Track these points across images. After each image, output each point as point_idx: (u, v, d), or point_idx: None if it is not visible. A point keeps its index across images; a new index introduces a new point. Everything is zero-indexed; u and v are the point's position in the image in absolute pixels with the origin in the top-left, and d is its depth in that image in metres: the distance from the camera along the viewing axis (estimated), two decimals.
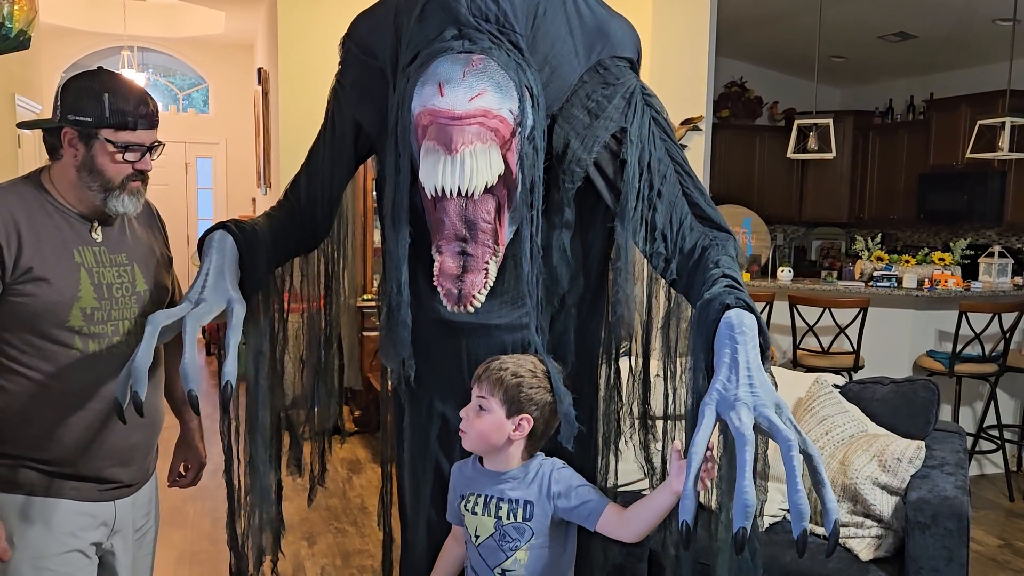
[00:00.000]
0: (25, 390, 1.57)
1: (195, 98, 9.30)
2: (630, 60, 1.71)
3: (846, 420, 2.78)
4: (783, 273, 5.26)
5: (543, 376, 1.53)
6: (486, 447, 1.54)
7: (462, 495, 1.60)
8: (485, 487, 1.57)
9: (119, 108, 1.56)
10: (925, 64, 7.19)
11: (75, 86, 1.59)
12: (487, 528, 1.53)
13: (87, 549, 1.65)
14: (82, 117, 1.56)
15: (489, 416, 1.51)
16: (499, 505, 1.53)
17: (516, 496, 1.53)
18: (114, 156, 1.58)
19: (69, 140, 1.58)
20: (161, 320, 1.47)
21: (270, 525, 1.91)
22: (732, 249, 1.58)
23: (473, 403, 1.53)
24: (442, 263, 1.53)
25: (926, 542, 2.30)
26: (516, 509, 1.52)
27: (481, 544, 1.54)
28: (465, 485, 1.60)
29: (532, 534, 1.52)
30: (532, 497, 1.52)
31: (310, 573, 3.33)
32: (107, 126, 1.56)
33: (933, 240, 7.42)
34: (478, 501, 1.55)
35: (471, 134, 1.42)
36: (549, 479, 1.53)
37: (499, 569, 1.51)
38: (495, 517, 1.53)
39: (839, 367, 4.37)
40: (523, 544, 1.51)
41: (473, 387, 1.55)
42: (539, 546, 1.52)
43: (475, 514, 1.55)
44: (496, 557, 1.52)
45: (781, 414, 1.23)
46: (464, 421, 1.54)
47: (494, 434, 1.51)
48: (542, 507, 1.52)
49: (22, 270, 1.53)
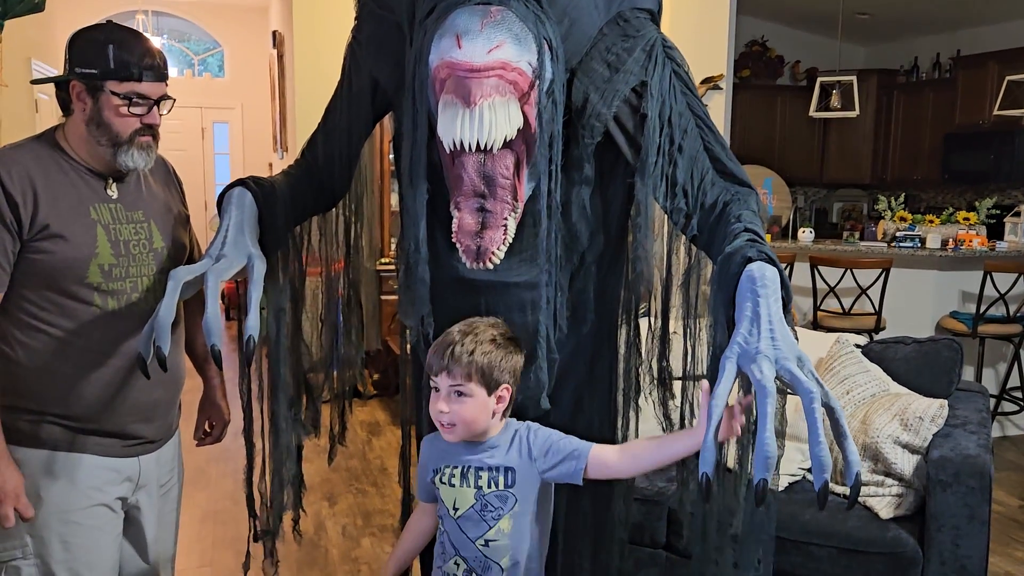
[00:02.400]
0: (46, 347, 1.58)
1: (210, 63, 9.27)
2: (651, 12, 1.67)
3: (867, 379, 2.76)
4: (804, 234, 5.21)
5: (504, 339, 1.50)
6: (473, 432, 1.49)
7: (435, 469, 1.54)
8: (461, 458, 1.51)
9: (123, 59, 1.55)
10: (952, 19, 7.02)
11: (81, 39, 1.58)
12: (467, 499, 1.48)
13: (113, 503, 1.68)
14: (88, 69, 1.55)
15: (472, 400, 1.45)
16: (478, 475, 1.48)
17: (496, 463, 1.49)
18: (119, 109, 1.57)
19: (77, 94, 1.57)
20: (183, 276, 1.47)
21: (291, 483, 1.93)
22: (754, 204, 1.56)
23: (445, 393, 1.46)
24: (461, 220, 1.52)
25: (948, 500, 2.29)
26: (497, 477, 1.48)
27: (461, 516, 1.50)
28: (439, 458, 1.54)
29: (516, 501, 1.48)
30: (513, 463, 1.48)
31: (331, 532, 3.38)
32: (111, 77, 1.55)
33: (957, 201, 7.30)
34: (455, 473, 1.50)
35: (490, 87, 1.40)
36: (528, 442, 1.50)
37: (481, 540, 1.47)
38: (475, 487, 1.48)
39: (860, 328, 4.33)
40: (506, 512, 1.48)
41: (438, 376, 1.47)
42: (522, 513, 1.48)
43: (452, 486, 1.50)
44: (478, 529, 1.47)
45: (803, 367, 1.21)
46: (446, 415, 1.46)
47: (481, 416, 1.47)
48: (524, 471, 1.48)
49: (39, 227, 1.54)
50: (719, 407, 1.22)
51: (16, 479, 1.55)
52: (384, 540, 3.29)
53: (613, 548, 1.83)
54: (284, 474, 1.90)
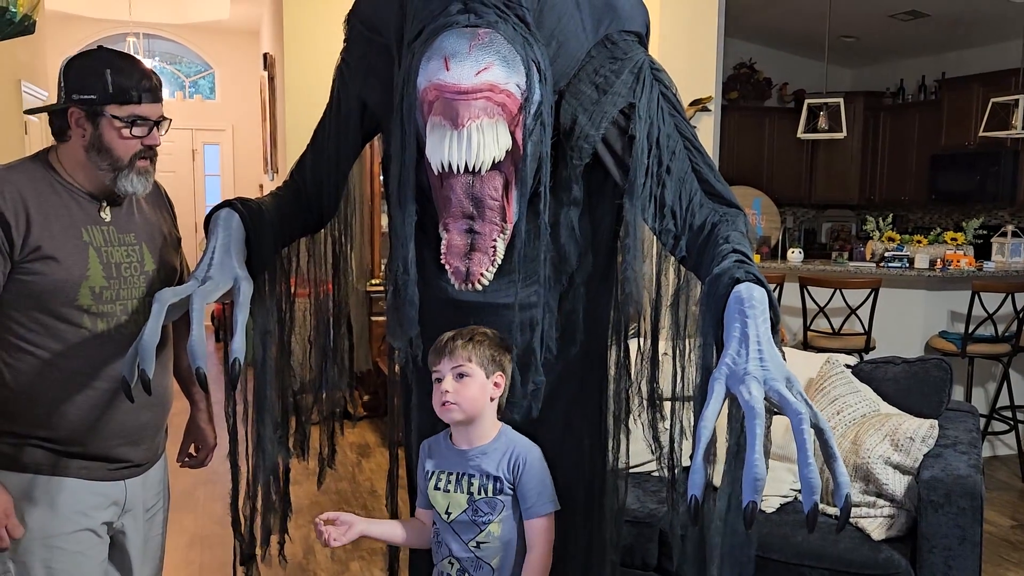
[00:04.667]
0: (32, 368, 1.57)
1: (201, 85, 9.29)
2: (638, 35, 1.69)
3: (858, 400, 2.76)
4: (793, 254, 5.23)
5: (498, 337, 1.59)
6: (474, 412, 1.56)
7: (429, 472, 1.61)
8: (455, 465, 1.58)
9: (121, 82, 1.56)
10: (937, 43, 7.11)
11: (76, 65, 1.59)
12: (459, 505, 1.55)
13: (98, 528, 1.66)
14: (86, 95, 1.55)
15: (472, 380, 1.53)
16: (471, 481, 1.55)
17: (488, 470, 1.55)
18: (121, 132, 1.58)
19: (76, 120, 1.58)
20: (168, 298, 1.47)
21: (278, 507, 1.91)
22: (742, 225, 1.56)
23: (449, 376, 1.53)
24: (449, 241, 1.52)
25: (939, 521, 2.28)
26: (487, 484, 1.55)
27: (454, 520, 1.56)
28: (436, 463, 1.61)
29: (503, 507, 1.55)
30: (502, 474, 1.56)
31: (320, 556, 3.34)
32: (111, 101, 1.56)
33: (945, 221, 7.36)
34: (449, 479, 1.57)
35: (478, 109, 1.40)
36: (519, 469, 1.56)
37: (473, 543, 1.54)
38: (467, 493, 1.55)
39: (850, 348, 4.34)
40: (496, 517, 1.54)
41: (441, 362, 1.55)
42: (510, 517, 1.55)
43: (447, 492, 1.57)
44: (470, 532, 1.54)
45: (792, 388, 1.21)
46: (449, 394, 1.53)
47: (480, 397, 1.55)
48: (513, 480, 1.56)
49: (30, 248, 1.53)
50: (708, 428, 1.21)
51: (5, 500, 1.54)
52: (373, 564, 3.26)
53: (605, 570, 1.82)
54: (270, 497, 1.88)
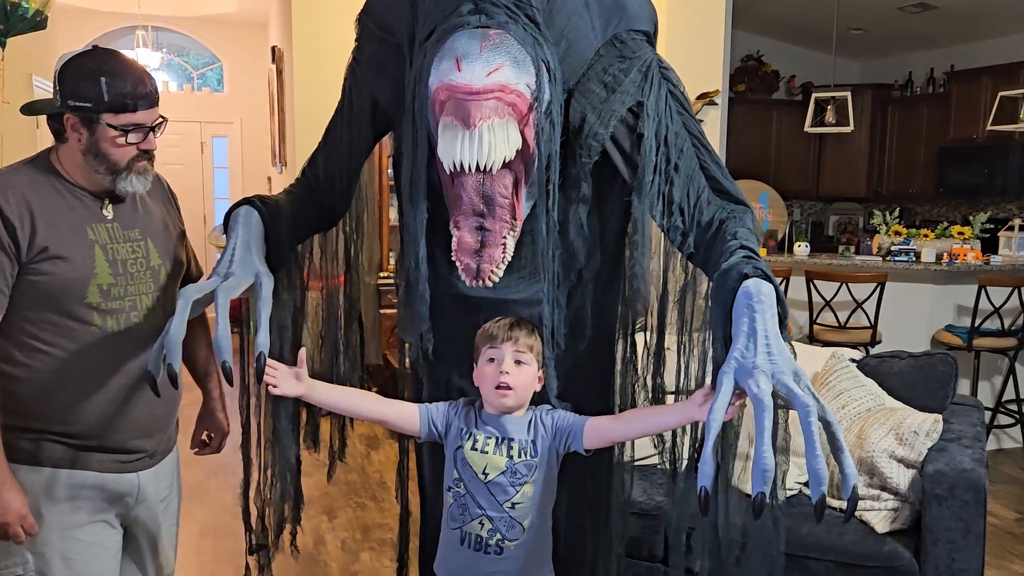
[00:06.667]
0: (47, 367, 1.60)
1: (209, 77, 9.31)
2: (647, 33, 1.70)
3: (863, 394, 2.78)
4: (800, 248, 5.23)
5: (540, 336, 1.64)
6: (524, 401, 1.61)
7: (466, 430, 1.62)
8: (492, 428, 1.62)
9: (117, 91, 1.54)
10: (946, 35, 7.08)
11: (71, 69, 1.56)
12: (498, 467, 1.58)
13: (112, 520, 1.69)
14: (81, 102, 1.54)
15: (528, 368, 1.58)
16: (510, 445, 1.59)
17: (523, 437, 1.60)
18: (116, 140, 1.57)
19: (72, 125, 1.57)
20: (192, 294, 1.49)
21: (290, 498, 1.94)
22: (749, 221, 1.58)
23: (509, 360, 1.56)
24: (460, 238, 1.54)
25: (943, 514, 2.31)
26: (526, 447, 1.59)
27: (491, 481, 1.59)
28: (470, 424, 1.63)
29: (537, 469, 1.60)
30: (534, 437, 1.61)
31: (331, 546, 3.39)
32: (107, 110, 1.54)
33: (952, 214, 7.34)
34: (488, 442, 1.60)
35: (489, 109, 1.42)
36: (542, 421, 1.62)
37: (508, 503, 1.58)
38: (507, 456, 1.59)
39: (856, 342, 4.35)
40: (530, 479, 1.59)
41: (503, 345, 1.57)
42: (541, 480, 1.60)
43: (485, 453, 1.60)
44: (506, 493, 1.58)
45: (799, 381, 1.23)
46: (510, 376, 1.56)
47: (531, 388, 1.60)
48: (543, 442, 1.61)
49: (38, 249, 1.55)
50: (717, 421, 1.24)
51: (20, 499, 1.57)
52: (383, 554, 3.30)
53: (611, 563, 1.85)
54: (284, 489, 1.91)
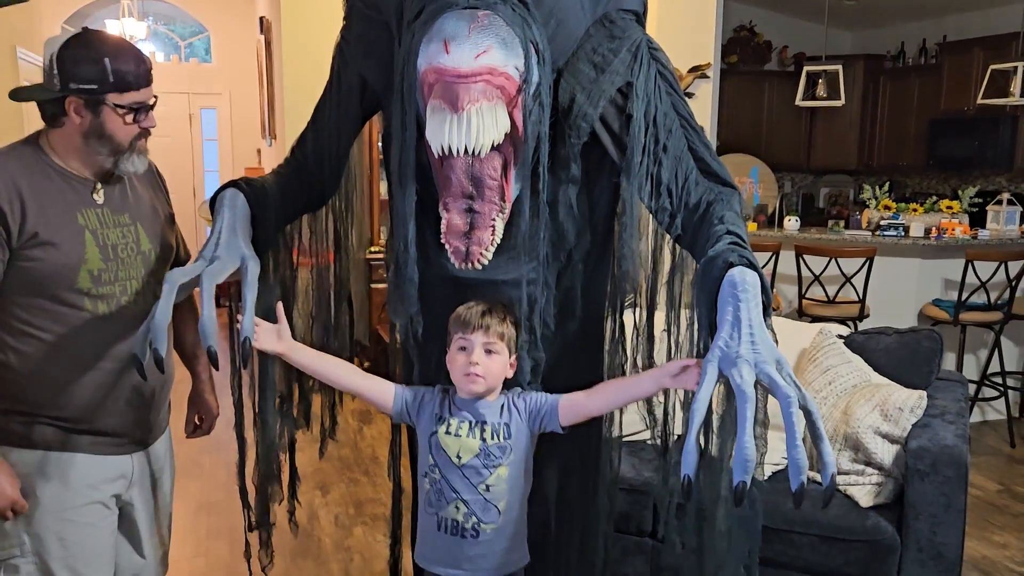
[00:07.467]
0: (38, 351, 1.60)
1: (197, 47, 9.19)
2: (636, 13, 1.69)
3: (849, 370, 2.81)
4: (790, 222, 5.25)
5: (517, 320, 1.64)
6: (494, 387, 1.62)
7: (440, 416, 1.64)
8: (465, 413, 1.63)
9: (121, 70, 1.56)
10: (938, 6, 7.04)
11: (71, 54, 1.56)
12: (471, 449, 1.60)
13: (107, 501, 1.71)
14: (85, 85, 1.55)
15: (499, 357, 1.59)
16: (483, 427, 1.61)
17: (495, 420, 1.62)
18: (125, 118, 1.59)
19: (74, 108, 1.57)
20: (178, 278, 1.49)
21: (282, 476, 1.96)
22: (737, 204, 1.59)
23: (479, 350, 1.58)
24: (449, 220, 1.54)
25: (925, 489, 2.35)
26: (499, 429, 1.61)
27: (464, 464, 1.60)
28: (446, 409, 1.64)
29: (511, 451, 1.62)
30: (507, 419, 1.63)
31: (324, 521, 3.42)
32: (112, 90, 1.56)
33: (942, 187, 7.36)
34: (461, 425, 1.61)
35: (477, 92, 1.41)
36: (514, 404, 1.64)
37: (483, 486, 1.60)
38: (480, 439, 1.60)
39: (845, 316, 4.38)
40: (504, 462, 1.61)
41: (474, 334, 1.58)
42: (516, 462, 1.62)
43: (458, 436, 1.61)
44: (480, 475, 1.60)
45: (781, 370, 1.25)
46: (479, 367, 1.57)
47: (501, 375, 1.61)
48: (516, 424, 1.62)
49: (28, 235, 1.55)
50: (701, 411, 1.25)
51: (12, 483, 1.58)
52: (376, 529, 3.33)
53: (598, 540, 1.88)
54: (273, 467, 1.93)
